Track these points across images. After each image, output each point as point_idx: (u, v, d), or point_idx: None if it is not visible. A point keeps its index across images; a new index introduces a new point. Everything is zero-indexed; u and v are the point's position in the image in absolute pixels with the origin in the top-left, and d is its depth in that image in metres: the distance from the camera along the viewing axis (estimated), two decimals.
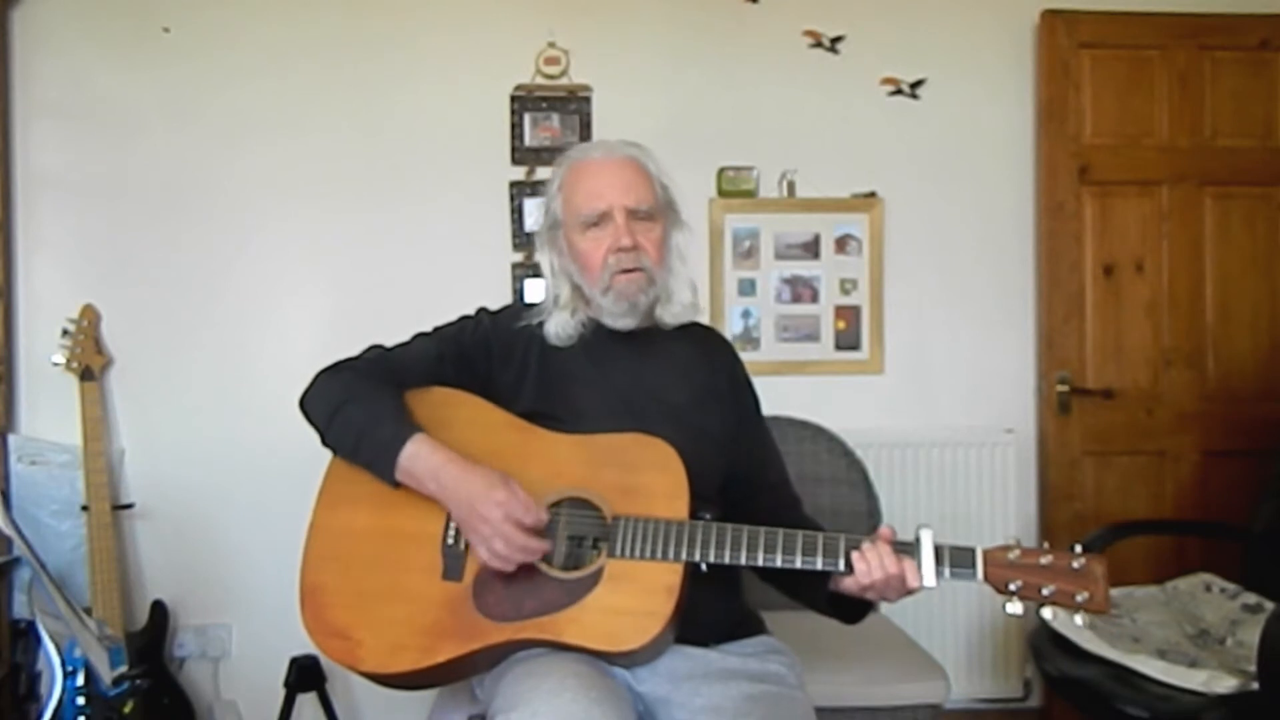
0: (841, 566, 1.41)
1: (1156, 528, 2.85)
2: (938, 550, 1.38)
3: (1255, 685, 1.90)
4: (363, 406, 1.53)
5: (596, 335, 1.66)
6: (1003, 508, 2.92)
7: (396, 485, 1.50)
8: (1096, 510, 2.91)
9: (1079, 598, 1.34)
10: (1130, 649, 2.10)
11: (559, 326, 1.64)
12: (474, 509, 1.43)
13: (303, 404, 1.60)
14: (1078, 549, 1.38)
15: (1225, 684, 1.94)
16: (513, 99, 2.90)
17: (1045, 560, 1.37)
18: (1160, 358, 2.98)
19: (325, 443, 1.58)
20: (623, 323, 1.63)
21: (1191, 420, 2.97)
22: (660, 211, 1.65)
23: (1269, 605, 2.19)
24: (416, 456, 1.47)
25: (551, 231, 1.68)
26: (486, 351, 1.67)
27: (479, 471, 1.45)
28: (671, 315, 1.67)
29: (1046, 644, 2.26)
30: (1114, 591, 2.37)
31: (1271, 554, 2.45)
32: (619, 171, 1.63)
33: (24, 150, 2.81)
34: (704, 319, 1.77)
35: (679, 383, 1.66)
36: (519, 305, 1.74)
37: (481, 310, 1.74)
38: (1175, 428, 2.97)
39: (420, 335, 1.71)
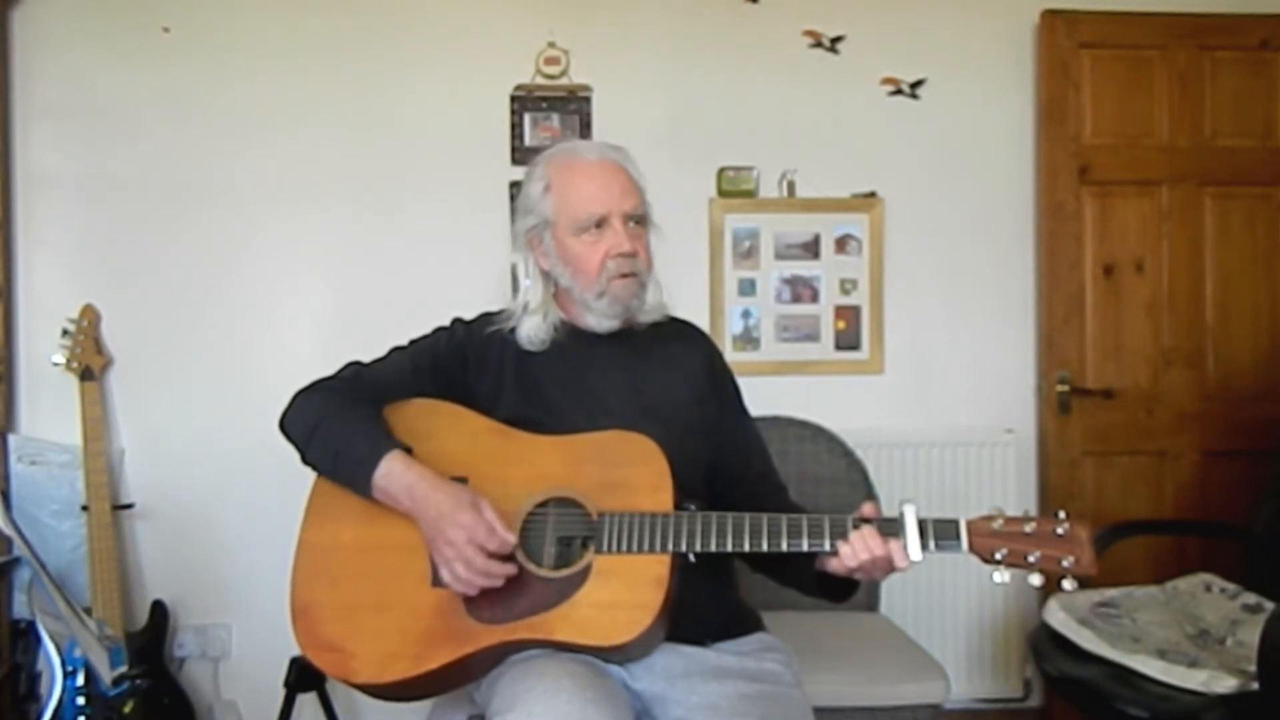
0: (827, 547, 1.41)
1: (1156, 528, 2.85)
2: (922, 524, 1.39)
3: (1255, 685, 1.90)
4: (339, 425, 1.53)
5: (570, 337, 1.66)
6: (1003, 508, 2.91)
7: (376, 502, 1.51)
8: (1096, 510, 2.89)
9: (1065, 562, 1.35)
10: (1130, 649, 2.09)
11: (531, 331, 1.64)
12: (439, 529, 1.43)
13: (282, 425, 1.61)
14: (1061, 515, 1.38)
15: (1225, 684, 1.93)
16: (513, 99, 2.90)
17: (1029, 528, 1.37)
18: (1160, 358, 2.97)
19: (305, 462, 1.58)
20: (608, 325, 1.64)
21: (1191, 420, 2.97)
22: (647, 216, 1.66)
23: (1269, 605, 2.19)
24: (390, 474, 1.47)
25: (538, 231, 1.65)
26: (462, 361, 1.67)
27: (449, 491, 1.45)
28: (645, 314, 1.67)
29: (1046, 644, 2.26)
30: (1114, 591, 2.38)
31: (1271, 554, 2.45)
32: (615, 176, 1.62)
33: (24, 150, 2.81)
34: (678, 313, 1.77)
35: (658, 377, 1.66)
36: (490, 313, 1.72)
37: (456, 320, 1.74)
38: (1175, 428, 2.97)
39: (396, 349, 1.71)
